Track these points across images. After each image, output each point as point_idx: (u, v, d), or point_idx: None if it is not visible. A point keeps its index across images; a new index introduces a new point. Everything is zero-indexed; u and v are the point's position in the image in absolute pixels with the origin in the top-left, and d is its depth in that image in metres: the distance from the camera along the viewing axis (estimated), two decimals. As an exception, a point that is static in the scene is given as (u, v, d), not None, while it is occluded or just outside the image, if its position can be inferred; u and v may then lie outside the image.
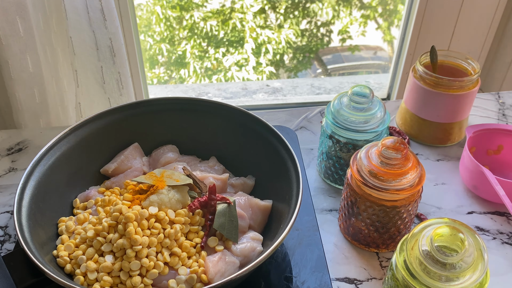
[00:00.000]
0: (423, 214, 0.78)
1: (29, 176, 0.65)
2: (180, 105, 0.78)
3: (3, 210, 0.79)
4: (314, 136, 0.94)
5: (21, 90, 0.98)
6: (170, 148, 0.78)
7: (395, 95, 1.46)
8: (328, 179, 0.83)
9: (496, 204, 0.80)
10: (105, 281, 0.58)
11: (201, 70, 2.12)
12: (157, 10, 2.02)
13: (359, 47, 2.16)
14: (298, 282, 0.66)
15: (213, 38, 2.08)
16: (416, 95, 0.88)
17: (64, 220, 0.67)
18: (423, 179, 0.65)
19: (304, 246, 0.70)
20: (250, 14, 2.04)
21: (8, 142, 0.93)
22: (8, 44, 0.92)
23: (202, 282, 0.60)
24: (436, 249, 0.53)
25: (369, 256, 0.72)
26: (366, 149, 0.67)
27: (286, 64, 2.21)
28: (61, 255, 0.61)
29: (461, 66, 0.89)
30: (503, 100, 1.03)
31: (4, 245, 0.74)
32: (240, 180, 0.75)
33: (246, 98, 1.73)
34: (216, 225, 0.64)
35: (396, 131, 0.93)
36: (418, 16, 1.28)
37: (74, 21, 0.98)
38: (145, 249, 0.59)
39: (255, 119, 0.74)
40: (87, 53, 1.03)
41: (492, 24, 1.32)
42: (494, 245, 0.74)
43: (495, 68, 1.41)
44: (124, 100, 1.09)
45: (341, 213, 0.74)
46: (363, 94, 0.75)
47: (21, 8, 0.90)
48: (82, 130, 0.73)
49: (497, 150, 0.85)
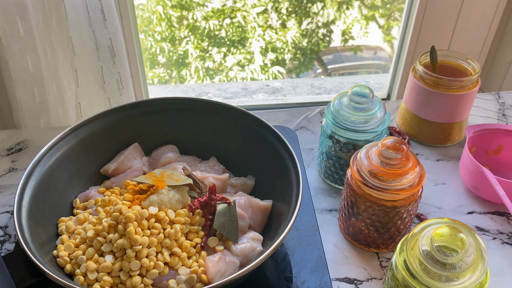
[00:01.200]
0: (423, 214, 0.78)
1: (29, 176, 0.65)
2: (180, 105, 0.78)
3: (3, 210, 0.79)
4: (314, 136, 0.94)
5: (21, 90, 0.98)
6: (170, 148, 0.78)
7: (395, 95, 1.46)
8: (328, 179, 0.83)
9: (496, 204, 0.80)
10: (105, 281, 0.58)
11: (202, 70, 2.12)
12: (159, 10, 2.02)
13: (361, 47, 2.16)
14: (298, 282, 0.66)
15: (214, 37, 2.08)
16: (416, 95, 0.88)
17: (64, 220, 0.67)
18: (423, 179, 0.65)
19: (304, 246, 0.70)
20: (253, 14, 2.04)
21: (8, 142, 0.93)
22: (8, 44, 0.92)
23: (202, 282, 0.60)
24: (436, 249, 0.53)
25: (369, 256, 0.72)
26: (366, 149, 0.67)
27: (288, 65, 2.20)
28: (61, 255, 0.61)
29: (461, 66, 0.89)
30: (503, 100, 1.03)
31: (4, 245, 0.74)
32: (240, 180, 0.75)
33: (246, 98, 1.73)
34: (216, 225, 0.64)
35: (396, 131, 0.93)
36: (418, 16, 1.28)
37: (74, 21, 0.98)
38: (145, 249, 0.59)
39: (255, 119, 0.74)
40: (87, 53, 1.03)
41: (492, 24, 1.31)
42: (494, 245, 0.74)
43: (495, 68, 1.41)
44: (124, 100, 1.09)
45: (341, 213, 0.74)
46: (363, 94, 0.75)
47: (21, 8, 0.90)
48: (82, 130, 0.73)
49: (497, 150, 0.85)
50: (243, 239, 0.65)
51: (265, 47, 2.11)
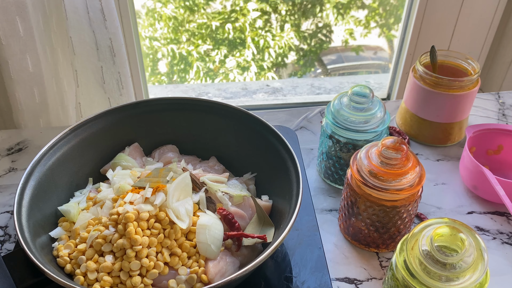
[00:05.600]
0: (423, 214, 0.78)
1: (29, 176, 0.65)
2: (180, 105, 0.78)
3: (3, 210, 0.79)
4: (314, 136, 0.94)
5: (21, 90, 0.98)
6: (170, 148, 0.78)
7: (395, 95, 1.46)
8: (328, 179, 0.83)
9: (496, 204, 0.80)
10: (105, 281, 0.58)
11: (203, 72, 2.12)
12: (160, 12, 2.02)
13: (362, 47, 2.16)
14: (298, 282, 0.66)
15: (215, 39, 2.08)
16: (416, 95, 0.88)
17: (64, 220, 0.67)
18: (423, 179, 0.65)
19: (304, 246, 0.70)
20: (252, 17, 2.04)
21: (8, 142, 0.93)
22: (8, 44, 0.92)
23: (202, 282, 0.60)
24: (436, 249, 0.53)
25: (369, 256, 0.72)
26: (366, 149, 0.67)
27: (289, 67, 2.20)
28: (61, 255, 0.61)
29: (461, 66, 0.89)
30: (503, 100, 1.03)
31: (4, 245, 0.74)
32: (240, 180, 0.75)
33: (246, 98, 1.73)
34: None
35: (396, 131, 0.93)
36: (418, 16, 1.28)
37: (74, 21, 0.98)
38: (145, 249, 0.59)
39: (255, 119, 0.74)
40: (87, 53, 1.03)
41: (492, 24, 1.31)
42: (494, 245, 0.74)
43: (495, 68, 1.41)
44: (124, 100, 1.09)
45: (341, 213, 0.74)
46: (363, 94, 0.75)
47: (21, 8, 0.90)
48: (82, 130, 0.73)
49: (497, 150, 0.85)
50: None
51: (261, 52, 2.11)
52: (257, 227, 0.66)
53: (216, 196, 0.68)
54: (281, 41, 2.07)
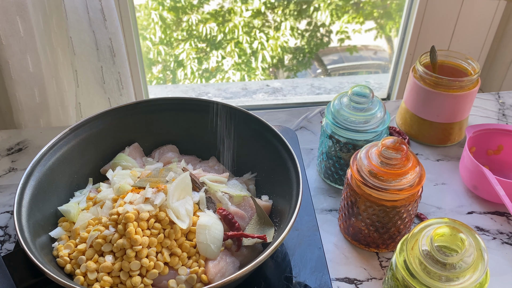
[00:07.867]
0: (423, 214, 0.78)
1: (29, 176, 0.65)
2: (180, 105, 0.78)
3: (3, 210, 0.79)
4: (314, 136, 0.94)
5: (21, 90, 0.98)
6: (170, 148, 0.78)
7: (395, 95, 1.46)
8: (328, 179, 0.83)
9: (496, 204, 0.80)
10: (105, 281, 0.58)
11: (198, 72, 2.12)
12: (152, 13, 2.02)
13: (357, 48, 2.16)
14: (298, 282, 0.66)
15: (211, 39, 2.08)
16: (416, 95, 0.88)
17: (64, 220, 0.67)
18: (423, 179, 0.65)
19: (304, 246, 0.70)
20: (246, 17, 2.04)
21: (8, 142, 0.93)
22: (8, 44, 0.92)
23: (202, 282, 0.60)
24: (436, 249, 0.53)
25: (369, 256, 0.72)
26: (366, 149, 0.67)
27: (285, 65, 2.20)
28: (61, 255, 0.61)
29: (461, 66, 0.89)
30: (503, 100, 1.03)
31: (4, 245, 0.74)
32: (240, 180, 0.75)
33: (246, 98, 1.73)
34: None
35: (396, 131, 0.93)
36: (418, 16, 1.28)
37: (74, 21, 0.98)
38: (145, 249, 0.59)
39: (255, 119, 0.74)
40: (87, 53, 1.03)
41: (492, 24, 1.31)
42: (494, 245, 0.74)
43: (495, 68, 1.41)
44: (124, 100, 1.09)
45: (341, 213, 0.74)
46: (363, 94, 0.75)
47: (21, 8, 0.90)
48: (82, 130, 0.73)
49: (497, 150, 0.85)
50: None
51: (254, 54, 2.10)
52: (257, 227, 0.66)
53: (216, 196, 0.68)
54: (276, 44, 2.07)
